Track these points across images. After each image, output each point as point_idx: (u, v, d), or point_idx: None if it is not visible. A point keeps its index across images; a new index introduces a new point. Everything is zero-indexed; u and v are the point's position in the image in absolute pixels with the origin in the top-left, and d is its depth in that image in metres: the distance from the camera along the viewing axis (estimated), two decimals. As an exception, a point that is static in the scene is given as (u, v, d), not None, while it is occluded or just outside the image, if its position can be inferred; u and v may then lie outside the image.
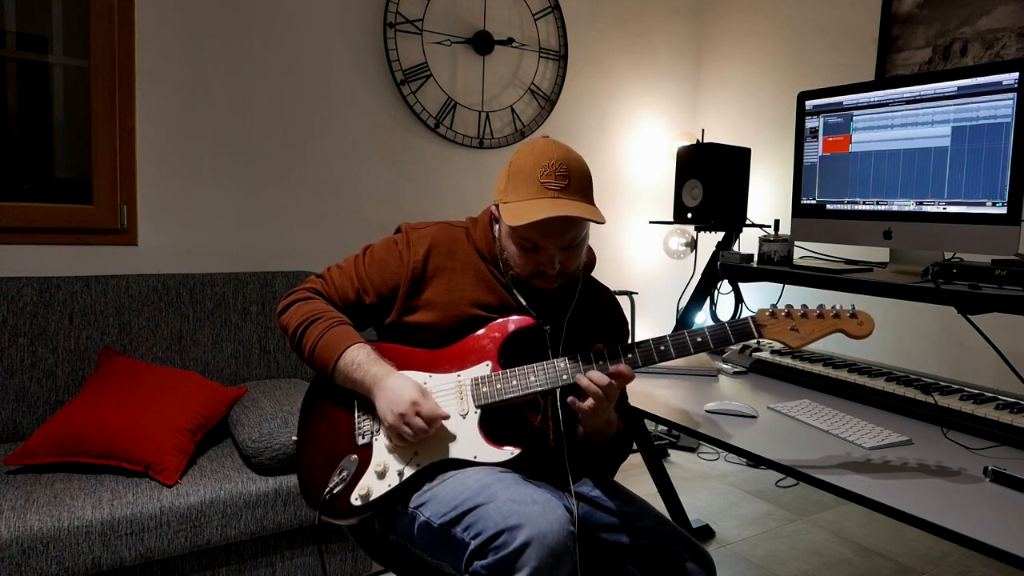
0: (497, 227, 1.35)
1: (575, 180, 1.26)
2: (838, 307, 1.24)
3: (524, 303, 1.34)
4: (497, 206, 1.31)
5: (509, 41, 3.03)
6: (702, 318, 2.50)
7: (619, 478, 1.47)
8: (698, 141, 2.42)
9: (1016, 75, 1.53)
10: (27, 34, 2.27)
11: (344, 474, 1.24)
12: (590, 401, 1.20)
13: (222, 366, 2.31)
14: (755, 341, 2.08)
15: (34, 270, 2.18)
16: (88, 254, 2.28)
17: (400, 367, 1.28)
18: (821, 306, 1.26)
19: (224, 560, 1.82)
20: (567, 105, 3.25)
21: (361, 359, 1.26)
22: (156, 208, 2.38)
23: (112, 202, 2.31)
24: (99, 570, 1.62)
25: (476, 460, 1.24)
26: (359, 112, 2.75)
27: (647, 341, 1.27)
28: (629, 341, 1.49)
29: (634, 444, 2.60)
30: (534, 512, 1.08)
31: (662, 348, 1.26)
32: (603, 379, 1.19)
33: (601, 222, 1.22)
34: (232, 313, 2.33)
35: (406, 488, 1.23)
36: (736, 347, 2.04)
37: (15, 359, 2.01)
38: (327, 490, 1.22)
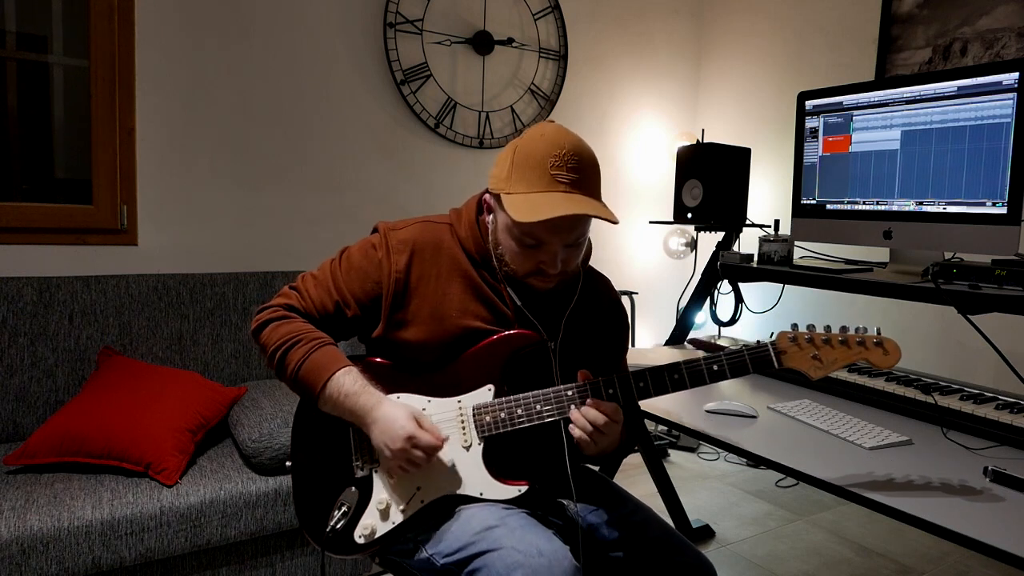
0: (491, 218, 1.25)
1: (586, 173, 1.17)
2: (863, 332, 1.15)
3: (519, 304, 1.26)
4: (495, 196, 1.22)
5: (509, 41, 3.03)
6: (702, 318, 2.50)
7: (619, 478, 1.47)
8: (698, 141, 2.42)
9: (1016, 75, 1.53)
10: (27, 34, 2.27)
11: (345, 509, 1.19)
12: (582, 435, 1.16)
13: (222, 366, 2.31)
14: (756, 341, 2.08)
15: (34, 270, 2.18)
16: (88, 254, 2.28)
17: (395, 390, 1.22)
18: (844, 329, 1.16)
19: (224, 560, 1.82)
20: (567, 105, 3.25)
21: (348, 387, 1.17)
22: (156, 208, 2.38)
23: (112, 202, 2.31)
24: (99, 570, 1.62)
25: (482, 497, 1.19)
26: (359, 112, 2.75)
27: (660, 369, 1.20)
28: (629, 338, 1.45)
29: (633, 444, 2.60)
30: (540, 566, 1.05)
31: (675, 377, 1.19)
32: (599, 418, 1.14)
33: (615, 222, 1.13)
34: (232, 313, 2.33)
35: (410, 525, 1.20)
36: (736, 347, 2.04)
37: (15, 359, 2.01)
38: (329, 527, 1.17)
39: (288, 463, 1.29)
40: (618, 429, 1.18)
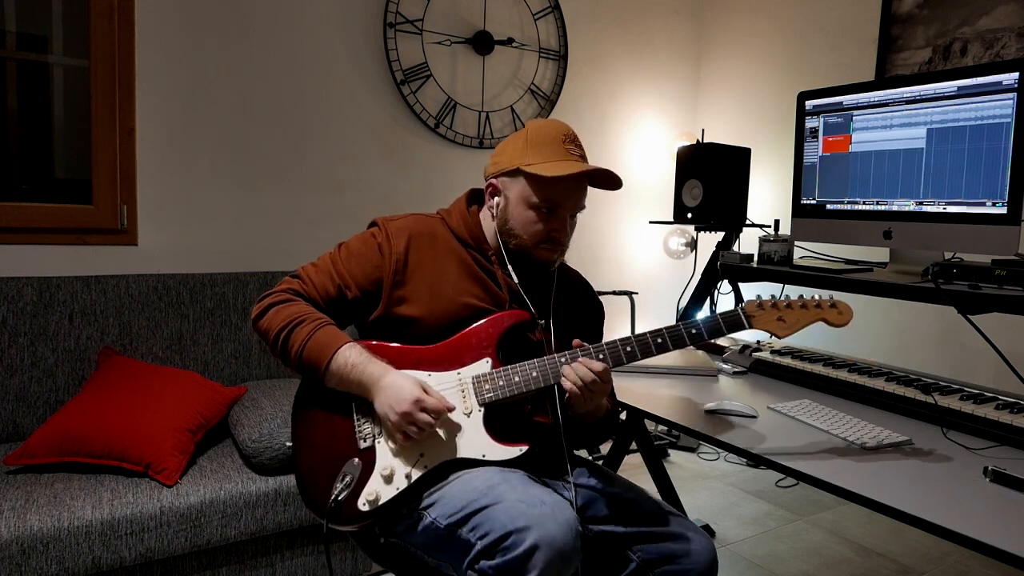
0: (495, 201, 1.36)
1: (585, 153, 1.37)
2: (818, 297, 1.32)
3: (513, 283, 1.35)
4: (507, 174, 1.33)
5: (509, 41, 3.03)
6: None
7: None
8: (698, 141, 2.42)
9: (1016, 75, 1.53)
10: (27, 34, 2.27)
11: (348, 479, 1.21)
12: (573, 387, 1.23)
13: (222, 366, 2.31)
14: (756, 341, 2.09)
15: (34, 270, 2.18)
16: (88, 254, 2.28)
17: (397, 366, 1.26)
18: (801, 296, 1.32)
19: (224, 560, 1.82)
20: (567, 105, 3.25)
21: (354, 359, 1.23)
22: (156, 208, 2.38)
23: (112, 202, 2.31)
24: (99, 570, 1.62)
25: (485, 459, 1.24)
26: (359, 112, 2.75)
27: (644, 334, 1.28)
28: (604, 320, 1.54)
29: (633, 443, 2.60)
30: (543, 514, 1.09)
31: (659, 341, 1.28)
32: (588, 375, 1.22)
33: (621, 185, 1.34)
34: (232, 313, 2.33)
35: (414, 490, 1.23)
36: (736, 348, 2.04)
37: (15, 359, 2.01)
38: (332, 497, 1.20)
39: (288, 443, 1.30)
40: (607, 389, 1.26)
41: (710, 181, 2.25)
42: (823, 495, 2.82)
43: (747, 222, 2.35)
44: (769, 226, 2.23)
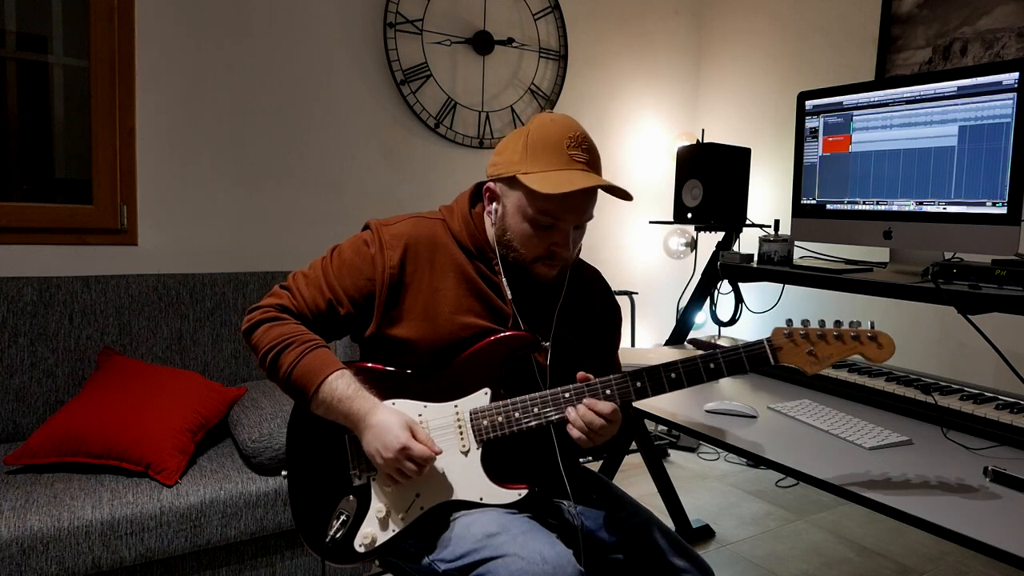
0: (493, 206, 1.25)
1: (594, 156, 1.23)
2: (858, 327, 1.15)
3: (513, 297, 1.26)
4: (505, 180, 1.22)
5: (509, 41, 3.03)
6: (702, 318, 2.50)
7: (619, 478, 1.47)
8: (698, 141, 2.42)
9: (1016, 75, 1.53)
10: (27, 34, 2.27)
11: (343, 518, 1.18)
12: (580, 435, 1.17)
13: (222, 366, 2.31)
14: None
15: (34, 270, 2.18)
16: (88, 254, 2.28)
17: (390, 395, 1.20)
18: (838, 323, 1.16)
19: (224, 560, 1.82)
20: (567, 105, 3.25)
21: (341, 391, 1.16)
22: (156, 208, 2.38)
23: (112, 202, 2.31)
24: (99, 570, 1.62)
25: (482, 502, 1.19)
26: (359, 112, 2.75)
27: (657, 368, 1.19)
28: (621, 327, 1.44)
29: (633, 443, 2.60)
30: (545, 573, 1.05)
31: (672, 376, 1.19)
32: (596, 421, 1.14)
33: (631, 198, 1.21)
34: (232, 313, 2.33)
35: (409, 532, 1.20)
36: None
37: (15, 359, 2.01)
38: (329, 537, 1.17)
39: (284, 472, 1.28)
40: (615, 430, 1.19)
41: (710, 181, 2.25)
42: (823, 495, 2.82)
43: (747, 222, 2.35)
44: (769, 226, 2.23)
